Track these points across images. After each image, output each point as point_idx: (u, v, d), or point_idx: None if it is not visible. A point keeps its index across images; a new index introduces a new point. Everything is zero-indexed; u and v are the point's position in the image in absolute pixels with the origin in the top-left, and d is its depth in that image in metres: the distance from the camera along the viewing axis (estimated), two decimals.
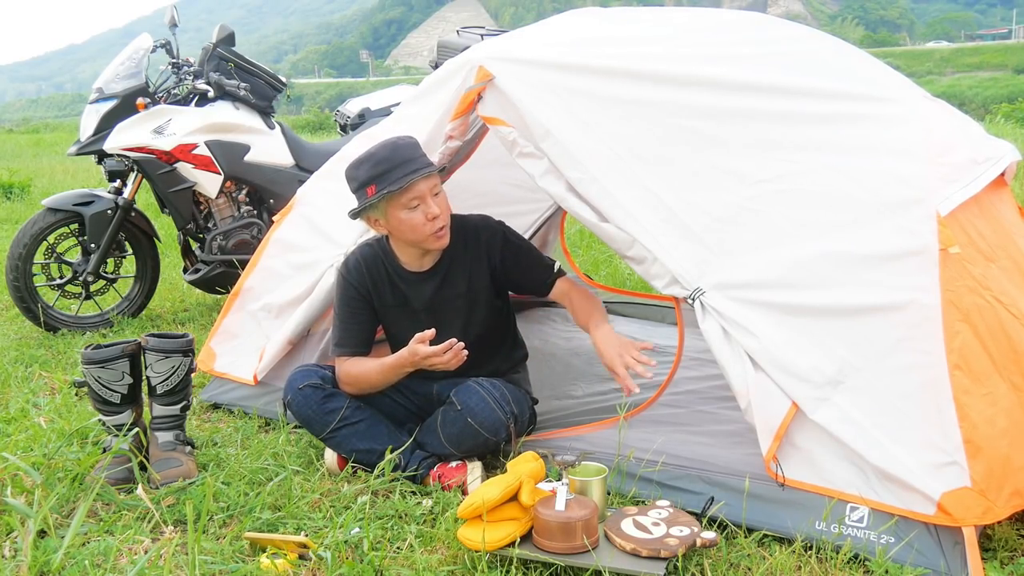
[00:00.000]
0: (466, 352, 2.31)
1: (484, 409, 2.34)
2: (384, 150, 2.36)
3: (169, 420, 2.56)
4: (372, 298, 2.55)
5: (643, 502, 2.21)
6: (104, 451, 2.50)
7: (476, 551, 1.93)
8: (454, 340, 2.29)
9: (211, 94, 4.27)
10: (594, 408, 2.85)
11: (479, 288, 2.53)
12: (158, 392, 2.53)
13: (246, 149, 4.27)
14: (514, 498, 1.97)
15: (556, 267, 2.58)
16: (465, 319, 2.55)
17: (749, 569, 1.95)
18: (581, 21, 2.76)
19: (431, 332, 2.30)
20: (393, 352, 2.57)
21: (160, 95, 4.30)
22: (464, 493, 2.32)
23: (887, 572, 1.86)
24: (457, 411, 2.37)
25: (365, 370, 2.47)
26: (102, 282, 4.39)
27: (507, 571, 1.94)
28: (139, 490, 2.16)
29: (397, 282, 2.54)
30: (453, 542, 2.05)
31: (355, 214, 2.42)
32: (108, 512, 2.30)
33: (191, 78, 4.35)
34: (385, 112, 4.53)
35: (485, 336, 2.57)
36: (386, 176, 2.33)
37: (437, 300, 2.53)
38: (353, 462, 2.47)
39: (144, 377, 2.56)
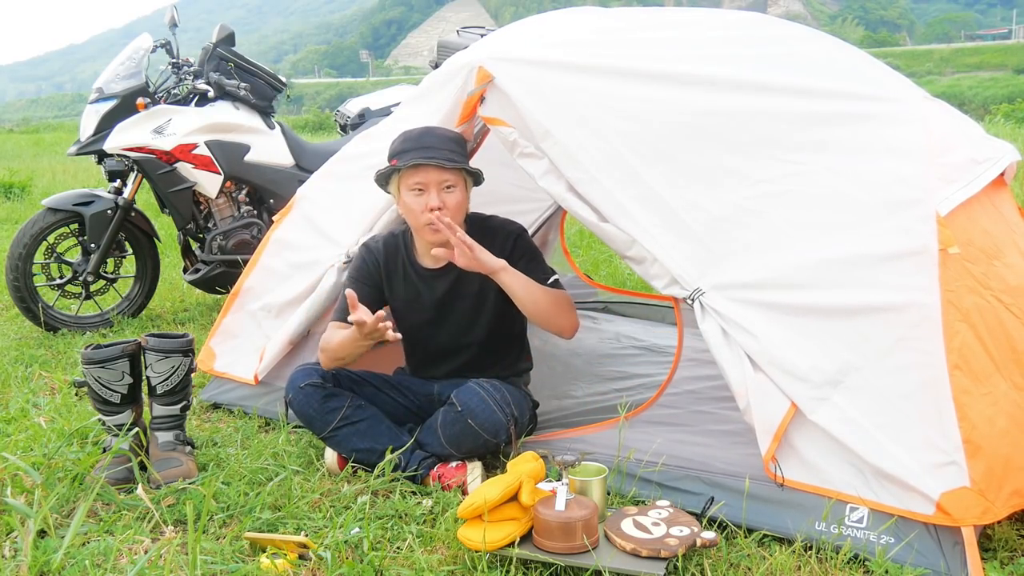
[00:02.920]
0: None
1: (485, 411, 2.34)
2: (418, 130, 2.44)
3: (169, 420, 2.56)
4: (383, 287, 2.58)
5: (643, 502, 2.22)
6: (104, 451, 2.50)
7: (476, 551, 1.93)
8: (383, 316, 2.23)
9: (211, 94, 4.27)
10: (594, 408, 2.86)
11: (489, 289, 2.52)
12: (158, 392, 2.53)
13: (246, 149, 4.27)
14: (514, 498, 1.97)
15: (551, 282, 2.49)
16: (472, 319, 2.55)
17: (749, 569, 1.95)
18: (580, 20, 2.76)
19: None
20: (406, 349, 2.63)
21: (160, 95, 4.31)
22: (464, 493, 2.32)
23: (887, 572, 1.86)
24: (457, 412, 2.37)
25: (334, 337, 2.44)
26: (102, 282, 4.39)
27: (507, 571, 1.94)
28: (139, 490, 2.16)
29: (412, 278, 2.56)
30: (453, 542, 2.05)
31: (377, 178, 2.48)
32: (108, 512, 2.30)
33: (191, 78, 4.35)
34: (385, 112, 4.53)
35: (490, 339, 2.57)
36: (404, 154, 2.39)
37: (448, 298, 2.55)
38: (353, 462, 2.47)
39: (144, 377, 2.56)
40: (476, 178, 2.48)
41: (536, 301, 2.40)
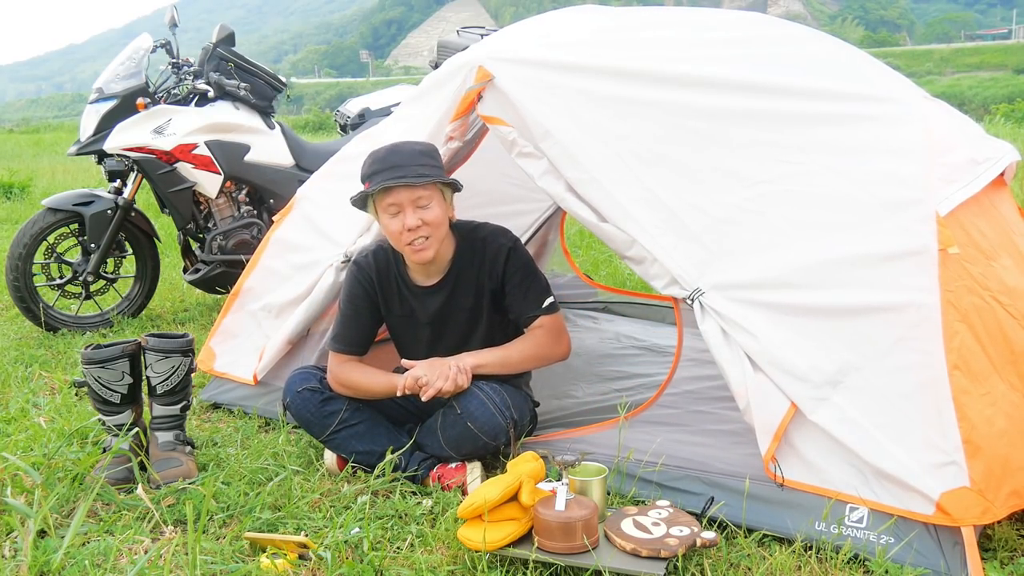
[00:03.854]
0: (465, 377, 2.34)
1: (484, 414, 2.34)
2: (384, 150, 2.37)
3: (169, 420, 2.56)
4: (379, 303, 2.55)
5: (643, 502, 2.22)
6: (104, 451, 2.50)
7: (476, 551, 1.93)
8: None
9: (211, 94, 4.27)
10: (594, 408, 2.86)
11: (483, 303, 2.51)
12: (158, 392, 2.54)
13: (246, 149, 4.27)
14: (514, 498, 1.97)
15: (546, 304, 2.46)
16: (467, 331, 2.54)
17: (749, 569, 1.95)
18: (580, 20, 2.76)
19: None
20: (400, 355, 2.60)
21: (160, 95, 4.31)
22: (464, 493, 2.32)
23: (887, 572, 1.86)
24: (457, 415, 2.37)
25: (365, 381, 2.45)
26: (102, 282, 4.40)
27: (507, 571, 1.94)
28: (139, 490, 2.16)
29: (406, 294, 2.54)
30: (453, 542, 2.05)
31: (353, 202, 2.43)
32: (108, 512, 2.30)
33: (191, 78, 4.35)
34: (385, 112, 4.53)
35: (488, 346, 2.56)
36: (375, 176, 2.34)
37: (442, 314, 2.52)
38: (353, 463, 2.47)
39: (144, 377, 2.56)
40: (454, 186, 2.42)
41: (522, 363, 2.46)
